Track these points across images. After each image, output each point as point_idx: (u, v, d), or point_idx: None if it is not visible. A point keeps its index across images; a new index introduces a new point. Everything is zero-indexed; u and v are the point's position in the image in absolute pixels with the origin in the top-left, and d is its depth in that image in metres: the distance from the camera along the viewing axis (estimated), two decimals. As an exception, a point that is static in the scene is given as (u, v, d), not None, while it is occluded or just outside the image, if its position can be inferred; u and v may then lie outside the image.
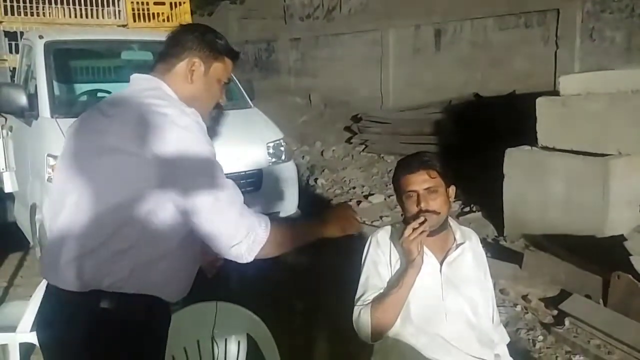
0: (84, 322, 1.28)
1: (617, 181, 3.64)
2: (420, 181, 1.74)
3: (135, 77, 1.47)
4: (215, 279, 1.69)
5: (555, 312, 3.15)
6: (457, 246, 1.83)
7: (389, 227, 1.92)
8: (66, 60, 4.25)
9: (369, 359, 1.84)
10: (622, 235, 3.49)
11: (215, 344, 1.84)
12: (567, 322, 3.00)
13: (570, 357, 2.79)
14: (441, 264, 1.79)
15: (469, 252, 1.86)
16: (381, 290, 1.77)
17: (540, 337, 2.99)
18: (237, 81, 4.50)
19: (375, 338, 1.74)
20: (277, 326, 1.91)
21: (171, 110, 1.32)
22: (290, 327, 2.72)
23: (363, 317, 1.73)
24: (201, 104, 1.47)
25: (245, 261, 1.34)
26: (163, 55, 1.49)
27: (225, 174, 3.91)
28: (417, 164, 1.78)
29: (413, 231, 1.68)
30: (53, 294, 1.34)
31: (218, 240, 1.30)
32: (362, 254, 1.89)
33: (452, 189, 1.81)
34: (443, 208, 1.75)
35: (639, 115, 3.57)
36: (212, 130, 3.77)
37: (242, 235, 1.30)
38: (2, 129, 4.21)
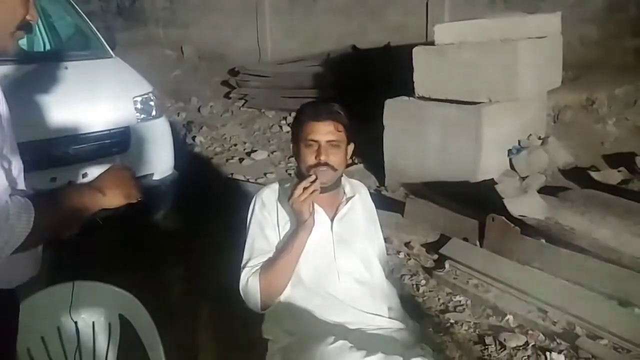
0: None
1: (488, 128, 3.81)
2: (325, 132, 1.61)
3: None
4: (70, 240, 1.42)
5: (435, 256, 3.26)
6: (347, 200, 1.75)
7: (275, 185, 1.77)
8: None
9: (261, 326, 1.72)
10: (492, 179, 3.69)
11: (77, 329, 1.58)
12: (447, 265, 3.11)
13: (451, 298, 2.90)
14: (332, 220, 1.70)
15: (359, 205, 1.79)
16: (269, 254, 1.64)
17: (423, 281, 3.08)
18: (92, 26, 3.99)
19: (264, 306, 1.61)
20: (155, 301, 1.70)
21: None
22: (171, 300, 2.50)
23: (251, 284, 1.59)
24: None
25: None
26: None
27: (86, 134, 3.48)
28: (326, 113, 1.64)
29: (304, 191, 1.55)
30: None
31: None
32: (247, 215, 1.73)
33: (351, 147, 1.71)
34: (341, 165, 1.66)
35: (506, 64, 3.73)
36: (66, 83, 3.30)
37: None
38: None
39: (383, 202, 4.02)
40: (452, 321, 2.69)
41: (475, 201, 3.46)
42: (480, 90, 3.84)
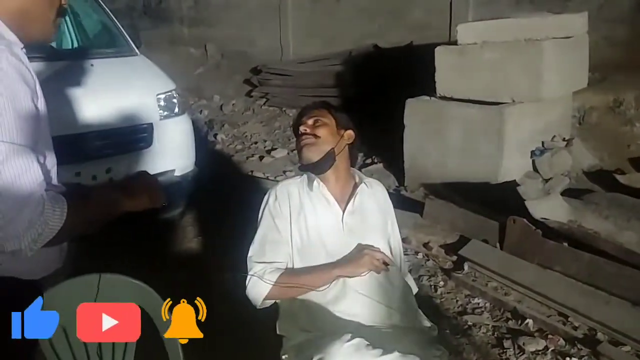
0: None
1: (510, 129, 3.76)
2: (309, 115, 1.77)
3: None
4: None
5: (454, 257, 3.23)
6: (356, 187, 1.77)
7: (288, 180, 1.82)
8: None
9: (275, 323, 1.73)
10: (514, 180, 3.64)
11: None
12: (466, 266, 3.08)
13: (469, 300, 2.87)
14: (343, 212, 1.72)
15: (373, 201, 1.80)
16: (280, 244, 1.67)
17: (441, 283, 3.05)
18: (118, 24, 4.06)
19: (263, 305, 1.65)
20: (172, 296, 1.71)
21: None
22: (187, 295, 2.52)
23: (262, 284, 1.61)
24: (39, 16, 1.18)
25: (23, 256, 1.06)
26: None
27: (111, 129, 3.54)
28: (310, 107, 1.82)
29: (379, 260, 1.64)
30: None
31: None
32: (260, 209, 1.76)
33: (347, 133, 1.78)
34: (327, 138, 1.72)
35: (531, 64, 3.68)
36: (92, 80, 3.36)
37: (24, 223, 1.02)
38: None
39: (402, 202, 3.99)
40: (470, 323, 2.67)
41: (496, 203, 3.42)
42: (503, 90, 3.80)
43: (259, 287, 1.61)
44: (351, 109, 1.83)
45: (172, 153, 3.56)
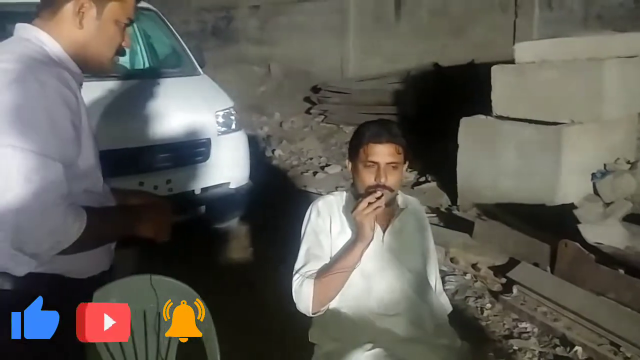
0: None
1: (569, 150, 3.64)
2: (386, 153, 1.64)
3: (17, 27, 1.29)
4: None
5: (503, 280, 3.16)
6: (400, 211, 1.77)
7: (329, 197, 1.84)
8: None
9: (308, 332, 1.78)
10: (572, 203, 3.52)
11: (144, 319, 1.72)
12: (515, 289, 3.01)
13: (517, 324, 2.80)
14: (384, 232, 1.73)
15: (412, 220, 1.81)
16: (323, 260, 1.69)
17: (489, 305, 3.00)
18: (185, 46, 4.31)
19: (315, 311, 1.66)
20: (218, 302, 1.81)
21: (15, 65, 1.14)
22: (233, 303, 2.63)
23: (305, 288, 1.65)
24: (96, 51, 1.31)
25: (36, 264, 1.16)
26: None
27: (172, 143, 3.71)
28: (386, 135, 1.65)
29: (368, 205, 1.57)
30: None
31: (17, 230, 1.09)
32: (302, 224, 1.81)
33: (406, 166, 1.73)
34: (398, 185, 1.68)
35: (591, 83, 3.57)
36: (158, 98, 3.59)
37: (46, 230, 1.11)
38: None
39: (453, 221, 3.95)
40: (515, 348, 2.61)
41: (551, 226, 3.31)
42: (562, 110, 3.70)
43: (304, 294, 1.63)
44: (408, 127, 1.79)
45: (227, 167, 3.72)
